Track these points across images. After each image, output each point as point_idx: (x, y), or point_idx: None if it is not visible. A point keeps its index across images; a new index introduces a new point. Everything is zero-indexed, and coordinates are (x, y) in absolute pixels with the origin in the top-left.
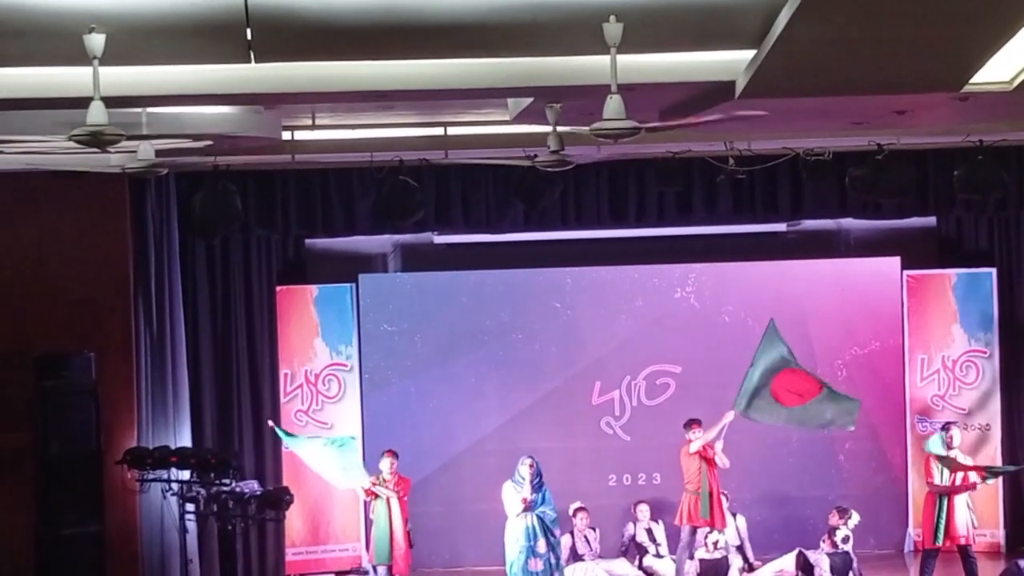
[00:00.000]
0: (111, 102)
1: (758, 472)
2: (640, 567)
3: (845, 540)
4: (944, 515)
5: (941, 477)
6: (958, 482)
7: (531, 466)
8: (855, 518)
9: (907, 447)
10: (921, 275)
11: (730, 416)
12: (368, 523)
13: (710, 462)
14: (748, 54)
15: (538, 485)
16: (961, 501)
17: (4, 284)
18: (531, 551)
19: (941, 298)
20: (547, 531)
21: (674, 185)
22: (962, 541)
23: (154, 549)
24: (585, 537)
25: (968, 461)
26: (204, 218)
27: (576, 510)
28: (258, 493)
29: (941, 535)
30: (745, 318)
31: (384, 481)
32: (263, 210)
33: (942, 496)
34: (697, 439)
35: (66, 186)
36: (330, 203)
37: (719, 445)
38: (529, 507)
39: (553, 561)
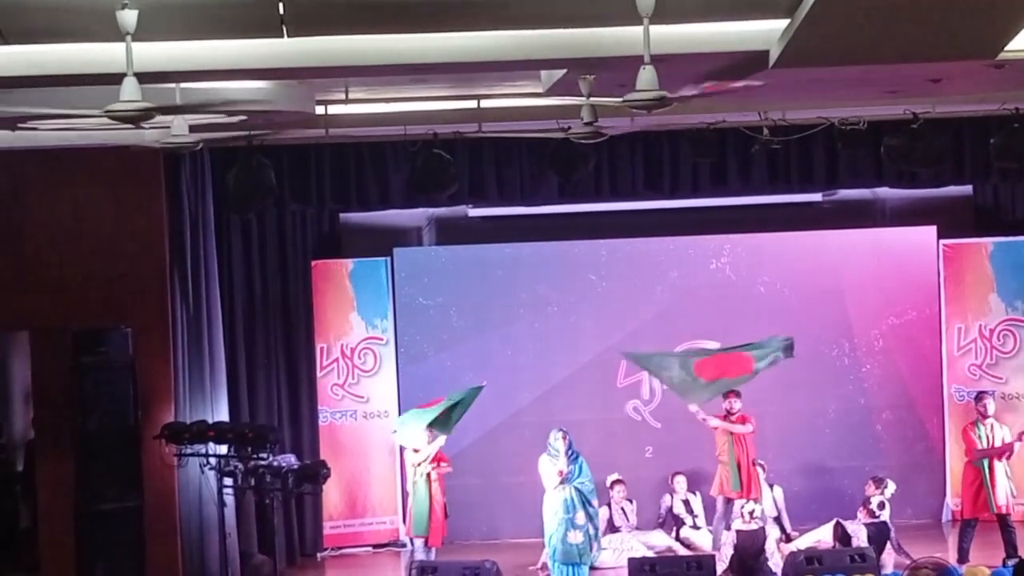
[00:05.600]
0: (144, 78)
1: (795, 443)
2: (677, 538)
3: (881, 506)
4: (988, 485)
5: (981, 443)
6: (997, 443)
7: (563, 437)
8: (891, 488)
9: (944, 417)
10: (957, 244)
11: (693, 408)
12: (405, 496)
13: (735, 433)
14: (782, 23)
15: (573, 456)
16: (1001, 469)
17: (41, 261)
18: (570, 523)
19: (978, 267)
20: (585, 502)
21: (709, 156)
22: (1002, 510)
23: (192, 523)
24: (622, 509)
25: (1005, 431)
26: (239, 193)
27: (613, 482)
28: (295, 467)
29: (992, 503)
30: (781, 289)
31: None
32: (297, 185)
33: (985, 463)
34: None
35: (101, 162)
36: (364, 177)
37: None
38: (565, 479)
39: (592, 532)
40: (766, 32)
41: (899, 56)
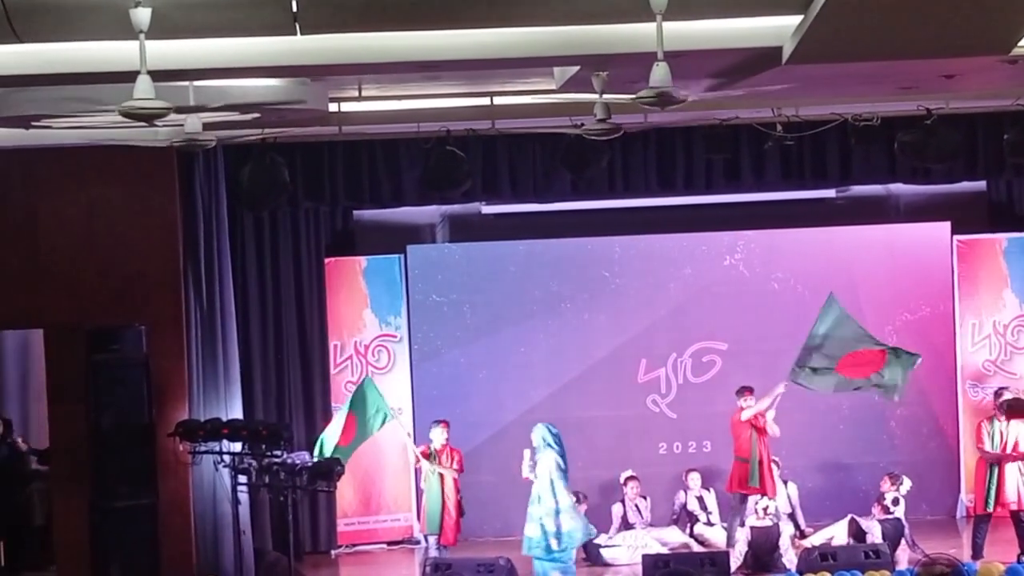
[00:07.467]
0: (158, 76)
1: (810, 439)
2: (691, 535)
3: (895, 502)
4: (995, 481)
5: (991, 444)
6: (1009, 449)
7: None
8: (906, 484)
9: (959, 413)
10: (971, 240)
11: (782, 388)
12: (419, 493)
13: (760, 430)
14: (795, 19)
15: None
16: (1012, 468)
17: (55, 258)
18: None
19: (992, 263)
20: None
21: (722, 152)
22: (1014, 507)
23: (207, 520)
24: (636, 506)
25: (1021, 428)
26: (252, 191)
27: (627, 479)
28: (309, 464)
29: (992, 501)
30: (795, 285)
31: (435, 452)
32: (311, 182)
33: (992, 463)
34: (749, 407)
35: (115, 160)
36: (377, 174)
37: (771, 415)
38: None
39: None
40: (779, 28)
41: (912, 52)
